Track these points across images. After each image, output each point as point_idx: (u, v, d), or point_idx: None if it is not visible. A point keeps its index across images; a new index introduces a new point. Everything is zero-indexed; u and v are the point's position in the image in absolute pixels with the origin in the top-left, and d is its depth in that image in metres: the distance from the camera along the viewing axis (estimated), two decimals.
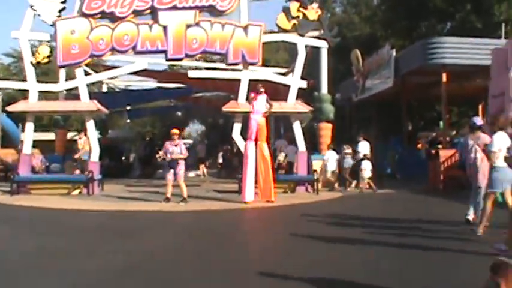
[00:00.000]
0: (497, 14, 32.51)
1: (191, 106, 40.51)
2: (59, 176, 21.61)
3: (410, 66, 25.18)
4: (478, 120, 12.29)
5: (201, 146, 34.45)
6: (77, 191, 20.65)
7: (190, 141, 42.34)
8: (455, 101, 33.88)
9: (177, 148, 17.58)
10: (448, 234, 10.85)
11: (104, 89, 35.43)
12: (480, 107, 29.28)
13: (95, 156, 21.30)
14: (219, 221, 14.14)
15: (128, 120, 44.11)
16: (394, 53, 26.69)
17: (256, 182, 17.81)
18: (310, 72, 24.39)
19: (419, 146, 28.17)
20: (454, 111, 38.04)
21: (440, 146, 25.20)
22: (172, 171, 17.55)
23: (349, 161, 22.55)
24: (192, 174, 30.29)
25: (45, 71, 33.74)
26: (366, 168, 21.89)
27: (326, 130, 23.39)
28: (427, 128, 36.08)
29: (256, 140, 17.79)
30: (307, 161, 21.87)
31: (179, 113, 45.49)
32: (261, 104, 17.79)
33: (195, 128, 63.25)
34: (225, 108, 21.32)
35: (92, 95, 22.65)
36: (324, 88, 23.34)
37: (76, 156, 22.04)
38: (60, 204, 17.29)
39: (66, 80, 22.74)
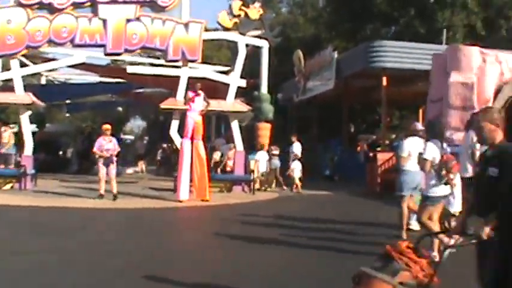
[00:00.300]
0: (441, 20, 32.93)
1: (132, 102, 40.07)
2: None
3: (352, 69, 25.27)
4: (418, 125, 12.47)
5: (140, 142, 34.19)
6: (8, 186, 20.18)
7: (132, 137, 41.82)
8: (397, 105, 34.37)
9: (110, 144, 17.55)
10: (372, 237, 10.88)
11: (43, 81, 34.66)
12: (421, 111, 29.62)
13: (28, 150, 20.85)
14: (148, 220, 14.06)
15: (67, 115, 43.44)
16: (335, 55, 26.75)
17: (191, 180, 17.73)
18: (252, 71, 24.34)
19: (359, 148, 28.30)
20: (396, 114, 38.50)
21: (379, 148, 25.41)
22: (105, 167, 17.40)
23: (275, 162, 22.84)
24: (130, 170, 29.94)
25: None
26: (296, 168, 21.95)
27: (265, 130, 23.37)
28: (369, 131, 36.38)
29: (192, 139, 17.75)
30: (245, 160, 21.84)
31: (120, 109, 44.94)
32: (198, 102, 17.77)
33: (137, 124, 62.78)
34: (163, 105, 21.16)
35: (29, 88, 22.25)
36: (264, 88, 23.28)
37: (2, 150, 21.46)
38: None
39: (2, 71, 22.19)
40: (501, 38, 33.67)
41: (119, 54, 21.34)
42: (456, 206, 9.71)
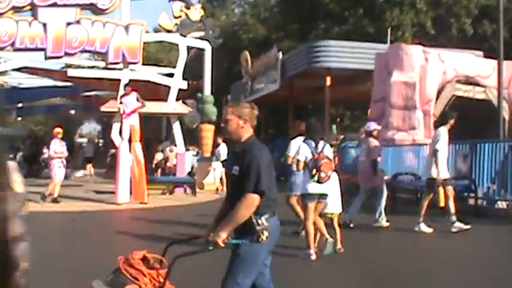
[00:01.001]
0: (389, 20, 33.29)
1: (82, 105, 39.82)
2: None
3: (296, 69, 25.51)
4: (371, 126, 13.02)
5: (88, 145, 34.05)
6: None
7: (85, 140, 41.41)
8: (348, 105, 34.72)
9: (62, 147, 17.68)
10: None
11: None
12: (369, 111, 30.00)
13: None
14: (79, 223, 14.06)
15: (19, 118, 43.31)
16: (280, 55, 27.04)
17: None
18: (199, 73, 24.48)
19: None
20: (347, 114, 38.88)
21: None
22: (59, 171, 17.46)
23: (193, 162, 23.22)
24: (79, 173, 29.98)
25: None
26: (216, 169, 22.18)
27: (208, 131, 23.59)
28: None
29: (130, 141, 17.85)
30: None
31: (72, 112, 44.66)
32: (130, 104, 17.86)
33: (93, 126, 62.18)
34: (103, 108, 21.29)
35: None
36: (208, 89, 23.55)
37: None
38: None
39: None
40: (451, 37, 34.17)
41: (59, 58, 21.29)
42: (331, 207, 9.88)
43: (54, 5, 20.66)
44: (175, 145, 22.19)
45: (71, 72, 22.43)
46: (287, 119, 31.77)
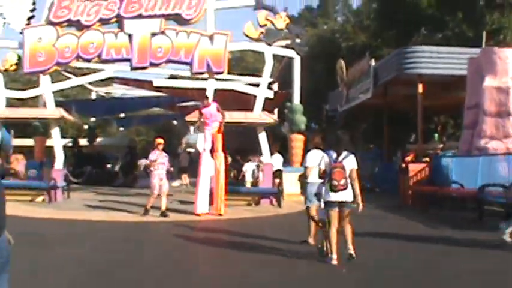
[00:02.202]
0: (490, 23, 31.87)
1: (179, 115, 40.07)
2: (22, 183, 21.56)
3: (387, 76, 24.65)
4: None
5: (183, 155, 34.22)
6: (40, 198, 20.62)
7: (193, 150, 41.22)
8: (450, 113, 33.37)
9: (164, 159, 17.10)
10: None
11: (93, 96, 35.60)
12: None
13: (58, 163, 21.29)
14: (145, 234, 13.93)
15: (122, 128, 44.15)
16: (373, 62, 26.28)
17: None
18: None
19: (408, 158, 27.51)
20: (450, 123, 37.42)
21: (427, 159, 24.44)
22: (158, 184, 16.87)
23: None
24: (176, 183, 30.14)
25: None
26: (248, 170, 21.49)
27: (297, 142, 23.14)
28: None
29: (212, 151, 17.63)
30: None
31: (175, 122, 44.98)
32: (210, 114, 17.61)
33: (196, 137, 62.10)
34: (187, 118, 21.23)
35: (80, 103, 22.64)
36: (297, 98, 23.15)
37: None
38: (12, 211, 16.82)
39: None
40: None
41: (145, 68, 21.42)
42: None
43: (140, 16, 20.94)
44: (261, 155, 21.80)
45: (157, 82, 22.57)
46: (381, 128, 30.91)
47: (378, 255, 10.67)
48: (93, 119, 39.24)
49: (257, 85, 22.34)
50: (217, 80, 21.53)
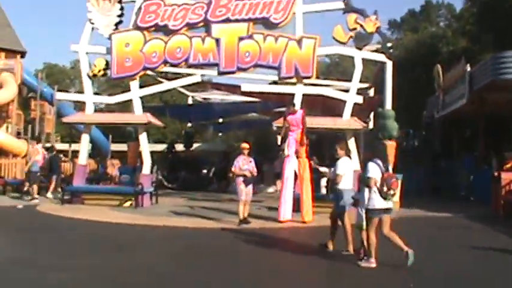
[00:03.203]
0: None
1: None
2: (110, 187, 21.78)
3: (482, 81, 23.39)
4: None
5: (278, 161, 33.87)
6: (128, 203, 20.70)
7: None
8: None
9: (248, 164, 16.30)
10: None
11: (189, 101, 35.74)
12: None
13: (146, 169, 21.28)
14: (223, 241, 13.52)
15: (220, 134, 44.08)
16: (468, 68, 25.12)
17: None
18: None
19: (507, 166, 26.12)
20: None
21: None
22: (244, 190, 16.15)
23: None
24: (271, 189, 29.90)
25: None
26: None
27: (390, 148, 22.27)
28: None
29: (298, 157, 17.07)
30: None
31: (275, 127, 44.36)
32: (296, 121, 17.11)
33: None
34: (275, 124, 20.84)
35: (174, 108, 22.54)
36: (389, 104, 22.39)
37: (25, 168, 22.58)
38: (97, 215, 17.40)
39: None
40: None
41: (232, 73, 21.16)
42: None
43: (227, 20, 20.77)
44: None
45: (245, 87, 22.25)
46: (476, 135, 29.52)
47: (447, 266, 10.39)
48: (189, 125, 39.32)
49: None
50: (305, 84, 21.03)
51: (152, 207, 20.98)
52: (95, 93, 24.90)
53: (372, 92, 28.26)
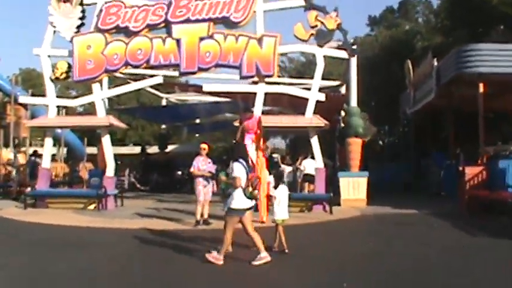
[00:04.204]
0: None
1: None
2: (73, 191, 21.69)
3: (447, 76, 23.32)
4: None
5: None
6: (92, 206, 20.59)
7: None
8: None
9: (207, 165, 16.21)
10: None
11: (163, 103, 35.58)
12: None
13: (110, 171, 21.20)
14: (170, 243, 13.41)
15: (197, 135, 43.90)
16: (435, 62, 25.07)
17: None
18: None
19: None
20: None
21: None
22: (203, 190, 16.08)
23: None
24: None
25: None
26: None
27: (355, 145, 22.32)
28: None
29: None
30: (326, 178, 20.92)
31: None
32: (253, 125, 17.05)
33: (277, 142, 60.59)
34: (235, 123, 20.76)
35: (146, 109, 22.44)
36: (354, 101, 22.39)
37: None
38: (55, 219, 17.26)
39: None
40: None
41: (193, 73, 21.09)
42: (280, 214, 11.54)
43: (188, 20, 20.74)
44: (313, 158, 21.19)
45: (206, 87, 22.17)
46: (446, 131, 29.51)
47: (388, 266, 10.19)
48: (163, 126, 39.32)
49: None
50: (267, 83, 20.96)
51: (116, 209, 20.84)
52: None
53: (343, 90, 28.17)
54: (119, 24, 20.99)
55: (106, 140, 21.44)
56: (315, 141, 20.80)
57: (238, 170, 10.09)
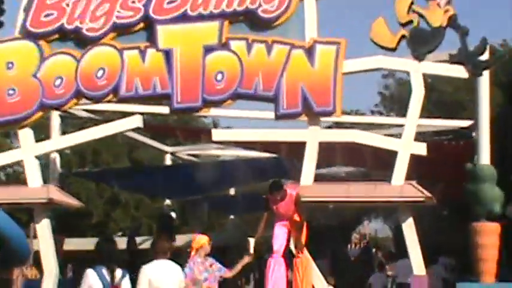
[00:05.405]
0: None
1: None
2: None
3: None
4: None
5: None
6: None
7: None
8: None
9: (208, 270, 10.44)
10: None
11: (167, 161, 23.21)
12: None
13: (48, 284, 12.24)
14: None
15: (232, 216, 27.56)
16: None
17: None
18: None
19: None
20: None
21: None
22: None
23: None
24: None
25: None
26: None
27: (489, 235, 12.70)
28: None
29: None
30: None
31: None
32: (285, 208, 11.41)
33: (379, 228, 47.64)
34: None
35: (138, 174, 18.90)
36: (485, 155, 12.82)
37: None
38: None
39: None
40: None
41: (194, 110, 12.49)
42: None
43: (184, 18, 12.27)
44: None
45: (218, 135, 13.28)
46: None
47: None
48: (168, 202, 25.75)
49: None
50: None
51: None
52: None
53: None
54: (63, 25, 12.50)
55: (41, 227, 12.37)
56: (408, 228, 11.70)
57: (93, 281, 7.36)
